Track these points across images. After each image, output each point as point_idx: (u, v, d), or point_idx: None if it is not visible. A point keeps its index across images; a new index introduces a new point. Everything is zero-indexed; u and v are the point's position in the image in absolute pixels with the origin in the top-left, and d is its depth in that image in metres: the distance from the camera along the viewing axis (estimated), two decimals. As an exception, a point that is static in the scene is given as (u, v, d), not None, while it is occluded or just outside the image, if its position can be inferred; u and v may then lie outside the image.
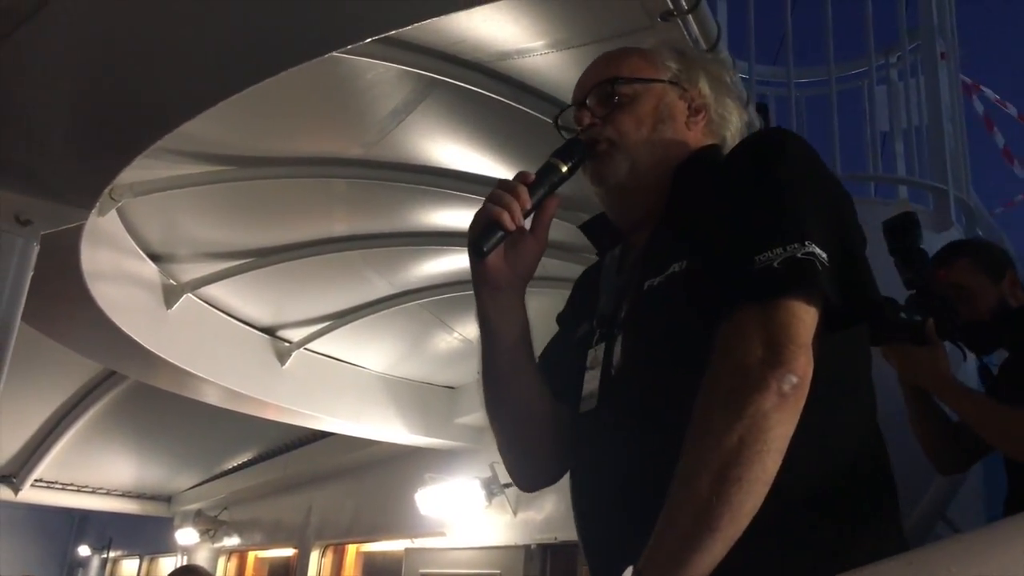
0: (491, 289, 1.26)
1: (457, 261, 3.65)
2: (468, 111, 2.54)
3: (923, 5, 3.46)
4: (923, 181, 3.26)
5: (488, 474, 4.77)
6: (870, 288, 1.05)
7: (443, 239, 3.46)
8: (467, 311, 4.15)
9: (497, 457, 4.35)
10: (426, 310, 4.16)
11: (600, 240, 1.43)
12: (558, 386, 1.33)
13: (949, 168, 3.11)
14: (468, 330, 4.38)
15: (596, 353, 1.25)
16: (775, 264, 0.99)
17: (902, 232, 2.00)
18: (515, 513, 4.71)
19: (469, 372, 4.93)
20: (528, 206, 1.21)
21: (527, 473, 1.42)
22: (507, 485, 4.68)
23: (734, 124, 1.36)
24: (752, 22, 3.22)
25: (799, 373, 0.95)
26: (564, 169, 1.25)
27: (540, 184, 1.23)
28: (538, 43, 2.15)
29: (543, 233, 1.27)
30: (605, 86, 1.31)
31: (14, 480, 7.26)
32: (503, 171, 2.83)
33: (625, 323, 1.22)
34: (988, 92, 4.30)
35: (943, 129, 3.19)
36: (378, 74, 2.38)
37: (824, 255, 0.99)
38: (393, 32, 1.85)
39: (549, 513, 4.47)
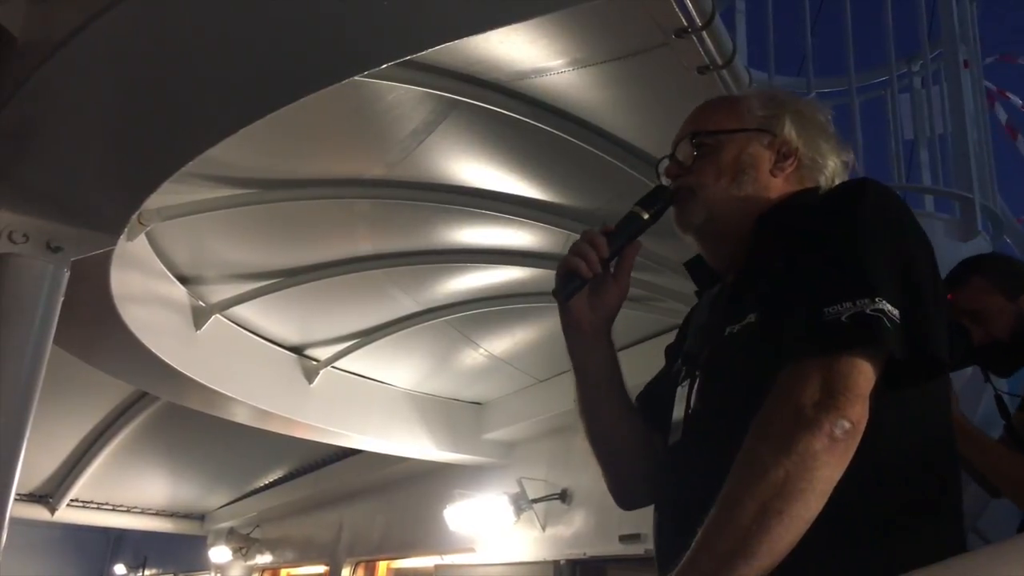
0: (577, 331, 1.37)
1: (480, 278, 3.67)
2: (488, 130, 2.56)
3: (944, 13, 3.43)
4: (948, 190, 3.22)
5: (516, 490, 4.76)
6: (937, 347, 1.04)
7: (466, 256, 3.48)
8: (492, 327, 4.17)
9: (524, 472, 4.34)
10: (451, 327, 4.18)
11: (700, 278, 1.47)
12: (656, 417, 1.39)
13: (975, 176, 3.07)
14: (493, 346, 4.39)
15: (682, 390, 1.30)
16: (843, 318, 1.00)
17: None
18: (544, 529, 4.70)
19: (496, 388, 4.95)
20: (606, 254, 1.30)
21: (622, 494, 1.49)
22: (535, 501, 4.68)
23: (830, 167, 1.37)
24: (771, 33, 3.22)
25: (853, 419, 0.96)
26: (645, 216, 1.33)
27: (620, 232, 1.33)
28: (555, 62, 2.17)
29: (625, 278, 1.37)
30: (689, 139, 1.37)
31: (50, 500, 7.37)
32: (524, 189, 2.85)
33: (704, 366, 1.27)
34: (1014, 98, 4.25)
35: (967, 137, 3.16)
36: (398, 95, 2.41)
37: (895, 312, 1.00)
38: (411, 56, 1.88)
39: (578, 529, 4.45)
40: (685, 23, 1.81)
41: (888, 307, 0.99)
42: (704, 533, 0.95)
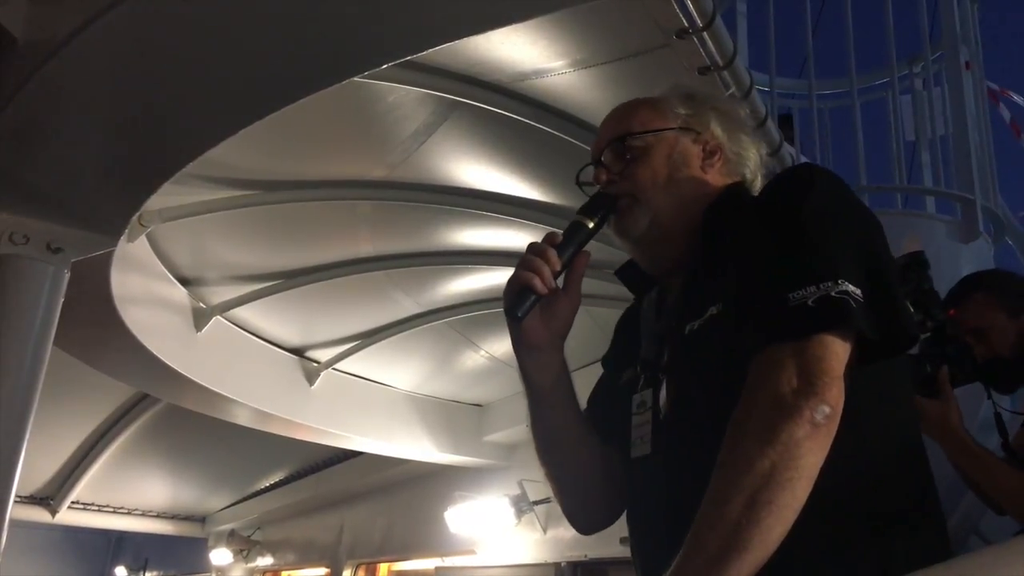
0: (530, 349, 1.31)
1: (481, 279, 3.67)
2: (489, 131, 2.56)
3: (946, 14, 3.43)
4: (949, 191, 3.22)
5: (517, 491, 4.76)
6: (905, 320, 1.05)
7: (467, 258, 3.48)
8: (493, 329, 4.16)
9: (526, 474, 4.33)
10: (452, 328, 4.17)
11: (635, 284, 1.45)
12: (607, 432, 1.36)
13: (976, 178, 3.08)
14: (494, 348, 4.39)
15: (643, 398, 1.27)
16: (809, 302, 1.00)
17: (911, 274, 1.95)
18: (545, 531, 4.69)
19: (497, 390, 4.95)
20: (558, 267, 1.25)
21: (583, 517, 1.46)
22: (536, 503, 4.67)
23: (752, 160, 1.37)
24: (772, 35, 3.22)
25: (832, 403, 0.96)
26: (591, 225, 1.29)
27: (568, 243, 1.27)
28: (556, 63, 2.16)
29: (575, 290, 1.31)
30: (616, 143, 1.34)
31: (51, 502, 7.36)
32: (524, 190, 2.85)
33: (669, 368, 1.24)
34: (1017, 97, 4.25)
35: (969, 138, 3.16)
36: (399, 97, 2.41)
37: (858, 291, 1.00)
38: (411, 56, 1.87)
39: (579, 531, 4.44)
40: (686, 24, 1.81)
41: (851, 288, 1.00)
42: (694, 533, 0.94)
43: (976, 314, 2.06)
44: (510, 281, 1.25)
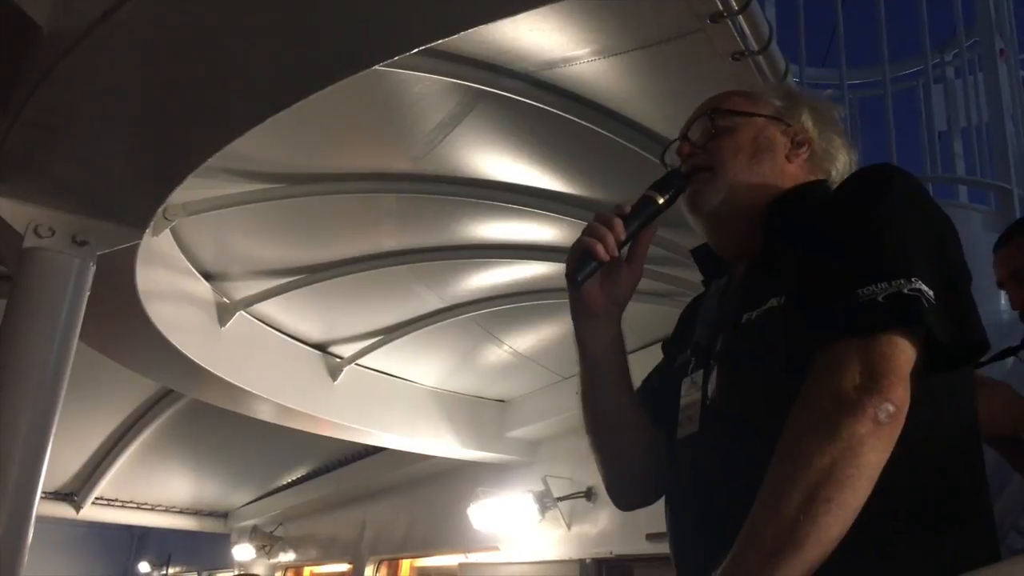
0: (587, 316, 1.31)
1: (506, 274, 3.64)
2: (515, 122, 2.52)
3: (980, 1, 3.37)
4: (986, 180, 3.17)
5: (541, 488, 4.73)
6: (977, 327, 1.01)
7: (492, 251, 3.44)
8: (517, 324, 4.14)
9: (549, 470, 4.31)
10: (476, 323, 4.15)
11: (707, 268, 1.43)
12: (657, 412, 1.35)
13: (1012, 166, 3.02)
14: (518, 343, 4.36)
15: (692, 381, 1.26)
16: (879, 299, 0.96)
17: None
18: (569, 527, 4.66)
19: (520, 385, 4.92)
20: (623, 237, 1.25)
21: (622, 492, 1.45)
22: (560, 499, 4.64)
23: (840, 161, 1.36)
24: (802, 23, 3.17)
25: (896, 403, 0.92)
26: (660, 201, 1.29)
27: (636, 216, 1.27)
28: (584, 51, 2.12)
29: (639, 263, 1.32)
30: (705, 118, 1.34)
31: (75, 498, 7.42)
32: (551, 182, 2.81)
33: (721, 355, 1.22)
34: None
35: (1005, 127, 3.10)
36: (424, 87, 2.37)
37: (931, 292, 0.96)
38: (437, 44, 1.84)
39: (604, 527, 4.41)
40: (720, 7, 1.76)
41: (925, 287, 0.96)
42: (748, 527, 0.91)
43: (1015, 256, 2.01)
44: (573, 246, 1.25)
